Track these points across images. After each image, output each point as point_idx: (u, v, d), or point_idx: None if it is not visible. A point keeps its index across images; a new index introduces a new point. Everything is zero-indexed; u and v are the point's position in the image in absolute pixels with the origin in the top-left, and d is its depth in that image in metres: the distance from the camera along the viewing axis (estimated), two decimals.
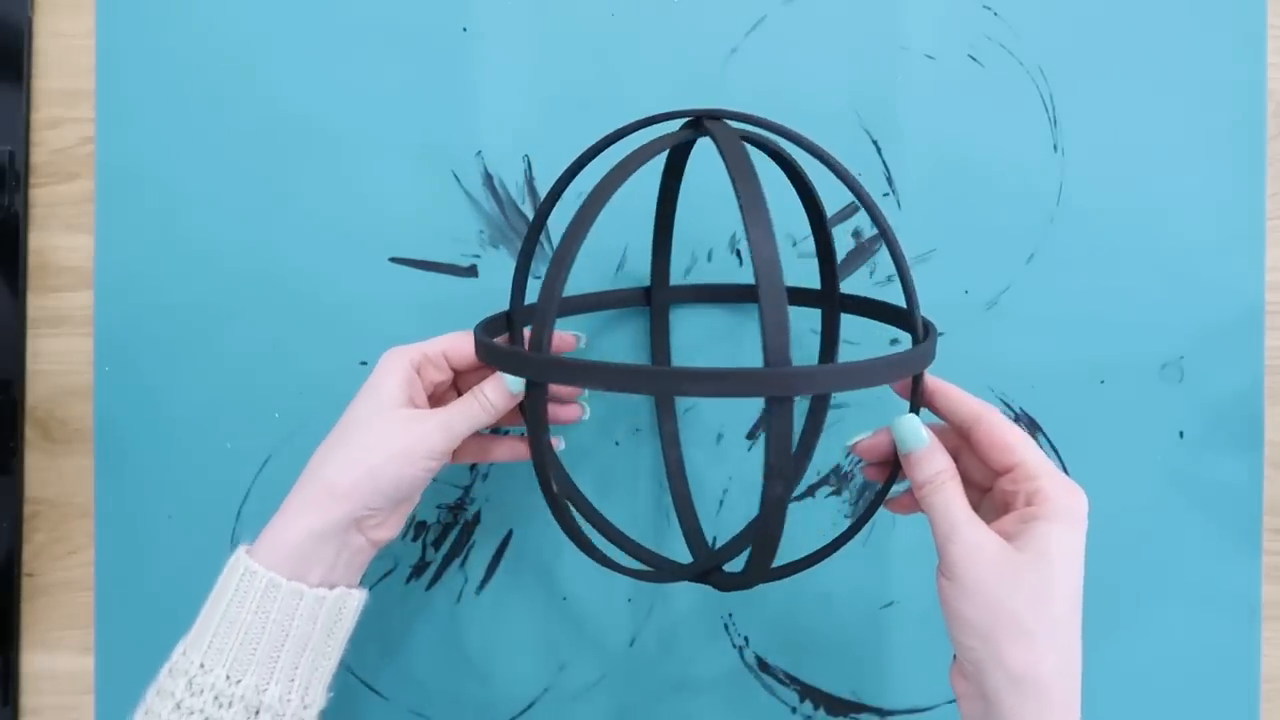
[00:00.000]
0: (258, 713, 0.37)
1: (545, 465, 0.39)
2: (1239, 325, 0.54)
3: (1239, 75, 0.54)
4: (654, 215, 0.51)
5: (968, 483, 0.38)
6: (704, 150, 0.53)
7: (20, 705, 0.53)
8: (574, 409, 0.48)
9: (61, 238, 0.53)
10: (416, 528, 0.53)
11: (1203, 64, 0.54)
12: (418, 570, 0.53)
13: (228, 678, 0.37)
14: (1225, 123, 0.54)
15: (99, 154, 0.53)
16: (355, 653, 0.53)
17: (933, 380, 0.40)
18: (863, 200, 0.40)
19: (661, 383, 0.38)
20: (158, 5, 0.53)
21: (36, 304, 0.53)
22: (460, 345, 0.43)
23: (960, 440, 0.40)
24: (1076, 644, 0.35)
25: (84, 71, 0.53)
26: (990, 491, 0.39)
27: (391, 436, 0.40)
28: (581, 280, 0.53)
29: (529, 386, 0.39)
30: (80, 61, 0.53)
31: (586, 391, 0.48)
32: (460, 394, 0.45)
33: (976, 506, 0.37)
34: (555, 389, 0.48)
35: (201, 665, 0.37)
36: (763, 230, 0.34)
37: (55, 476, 0.53)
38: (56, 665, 0.53)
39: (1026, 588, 0.35)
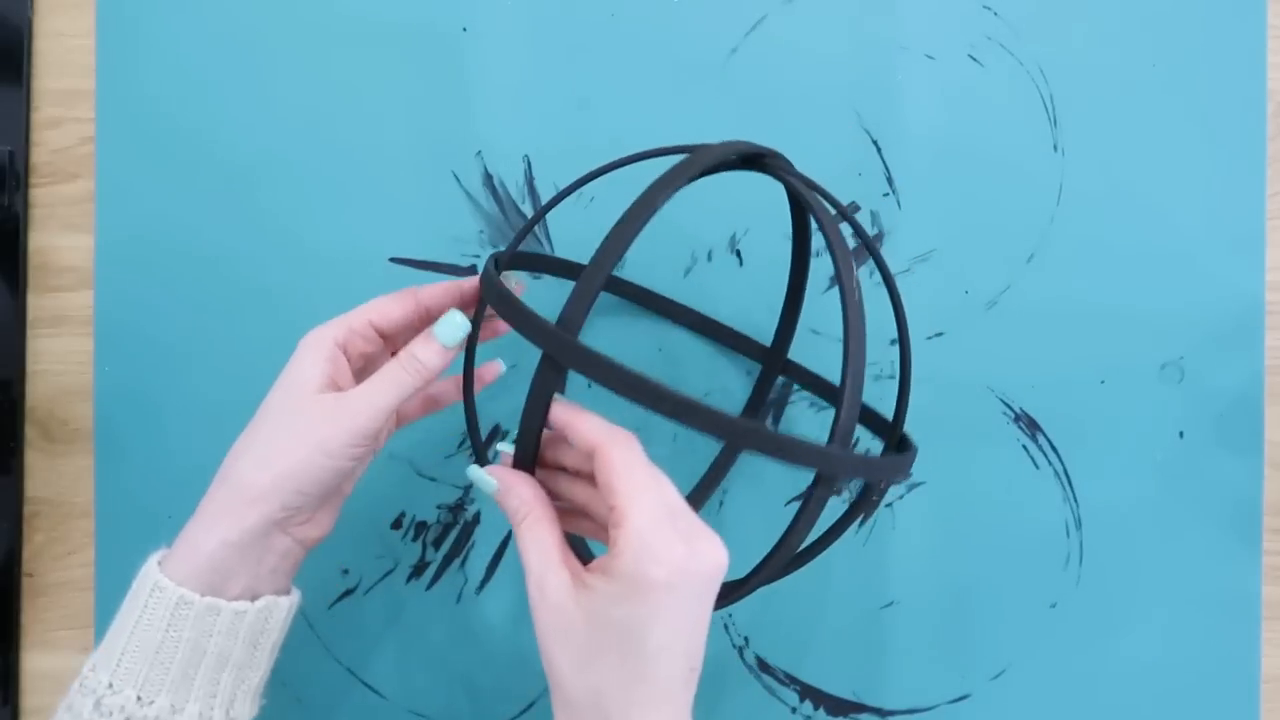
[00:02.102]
0: None
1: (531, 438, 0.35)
2: (1239, 325, 0.54)
3: (1239, 75, 0.54)
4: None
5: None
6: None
7: (20, 705, 0.53)
8: (495, 366, 0.44)
9: (61, 238, 0.53)
10: (416, 527, 0.53)
11: (1203, 64, 0.54)
12: (418, 570, 0.53)
13: (139, 699, 0.34)
14: (1225, 123, 0.54)
15: (99, 154, 0.53)
16: (355, 653, 0.53)
17: (563, 410, 0.34)
18: (880, 267, 0.41)
19: (728, 431, 0.33)
20: (158, 5, 0.53)
21: (36, 304, 0.53)
22: (388, 309, 0.39)
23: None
24: (648, 707, 0.31)
25: (84, 71, 0.53)
26: None
27: (307, 427, 0.36)
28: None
29: (543, 372, 0.33)
30: (80, 61, 0.53)
31: (524, 286, 0.42)
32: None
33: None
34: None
35: (110, 685, 0.35)
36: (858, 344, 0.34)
37: (55, 476, 0.53)
38: (56, 665, 0.53)
39: (575, 641, 0.32)
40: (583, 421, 0.34)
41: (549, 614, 0.32)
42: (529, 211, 0.53)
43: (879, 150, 0.54)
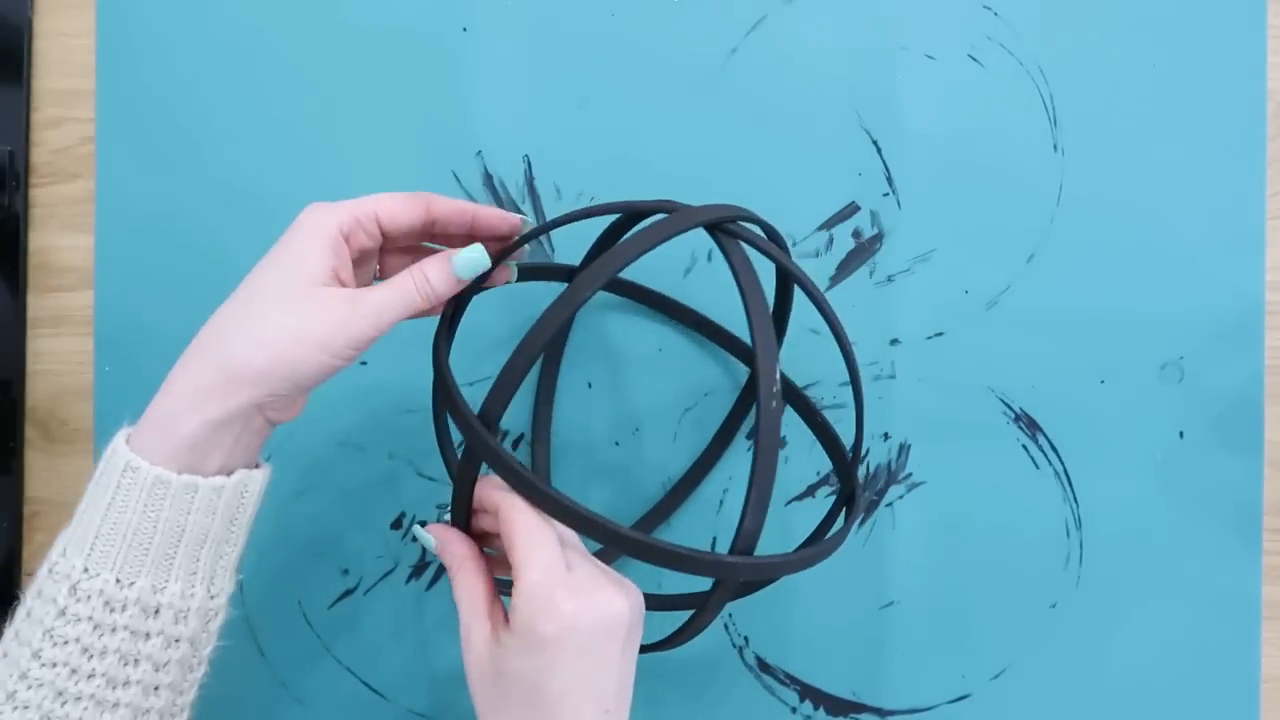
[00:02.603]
0: (157, 612, 0.34)
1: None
2: (1239, 325, 0.54)
3: (1239, 75, 0.54)
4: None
5: None
6: (705, 153, 0.54)
7: None
8: (505, 271, 0.42)
9: (61, 238, 0.53)
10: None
11: (1203, 64, 0.54)
12: (418, 570, 0.53)
13: (117, 581, 0.34)
14: (1225, 123, 0.54)
15: (99, 154, 0.53)
16: (355, 653, 0.53)
17: (481, 484, 0.37)
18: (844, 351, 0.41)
19: (628, 545, 0.34)
20: (157, 5, 0.53)
21: (36, 304, 0.53)
22: (398, 210, 0.37)
23: None
24: None
25: (84, 71, 0.53)
26: None
27: (311, 319, 0.35)
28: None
29: (464, 458, 0.36)
30: (80, 61, 0.53)
31: (525, 254, 0.43)
32: (383, 270, 0.40)
33: None
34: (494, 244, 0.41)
35: (85, 570, 0.34)
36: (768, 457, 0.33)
37: (55, 476, 0.53)
38: None
39: (488, 687, 0.34)
40: (486, 489, 0.36)
41: (471, 660, 0.35)
42: (529, 211, 0.53)
43: (879, 150, 0.54)
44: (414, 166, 0.53)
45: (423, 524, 0.40)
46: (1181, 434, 0.54)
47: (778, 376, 0.34)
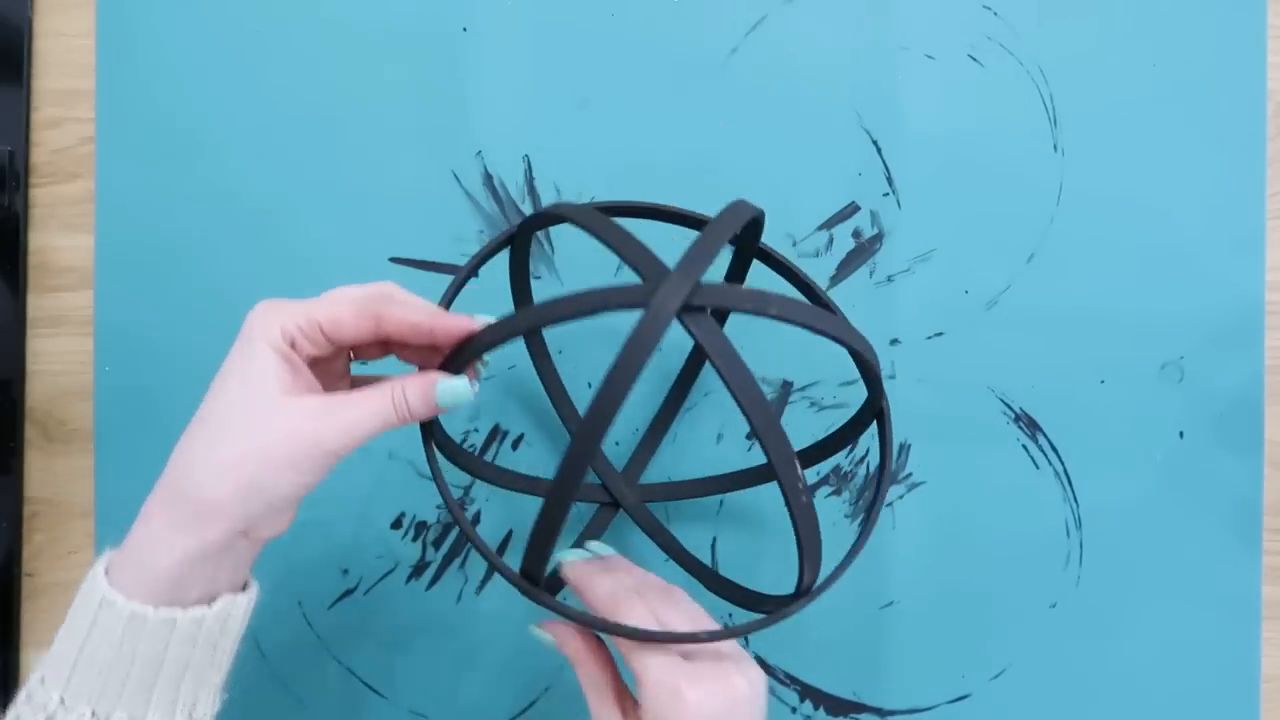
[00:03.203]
0: None
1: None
2: (1239, 325, 0.54)
3: (1239, 75, 0.54)
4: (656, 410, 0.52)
5: None
6: (705, 152, 0.54)
7: None
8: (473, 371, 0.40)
9: (61, 238, 0.53)
10: (417, 527, 0.53)
11: (1203, 64, 0.54)
12: (418, 570, 0.53)
13: (93, 714, 0.32)
14: (1225, 123, 0.54)
15: (99, 154, 0.53)
16: (355, 653, 0.53)
17: (576, 574, 0.40)
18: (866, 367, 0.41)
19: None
20: (158, 5, 0.53)
21: (36, 304, 0.53)
22: (344, 322, 0.34)
23: None
24: None
25: (84, 71, 0.53)
26: None
27: (276, 438, 0.32)
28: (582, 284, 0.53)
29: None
30: (80, 61, 0.53)
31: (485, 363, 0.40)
32: (357, 353, 0.37)
33: None
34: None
35: (62, 701, 0.32)
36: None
37: (55, 476, 0.53)
38: None
39: None
40: (591, 591, 0.39)
41: None
42: (529, 211, 0.53)
43: (879, 150, 0.54)
44: (414, 166, 0.53)
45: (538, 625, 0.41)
46: (1181, 434, 0.54)
47: (800, 477, 0.34)
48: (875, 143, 0.54)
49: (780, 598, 0.40)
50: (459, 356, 0.36)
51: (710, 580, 0.46)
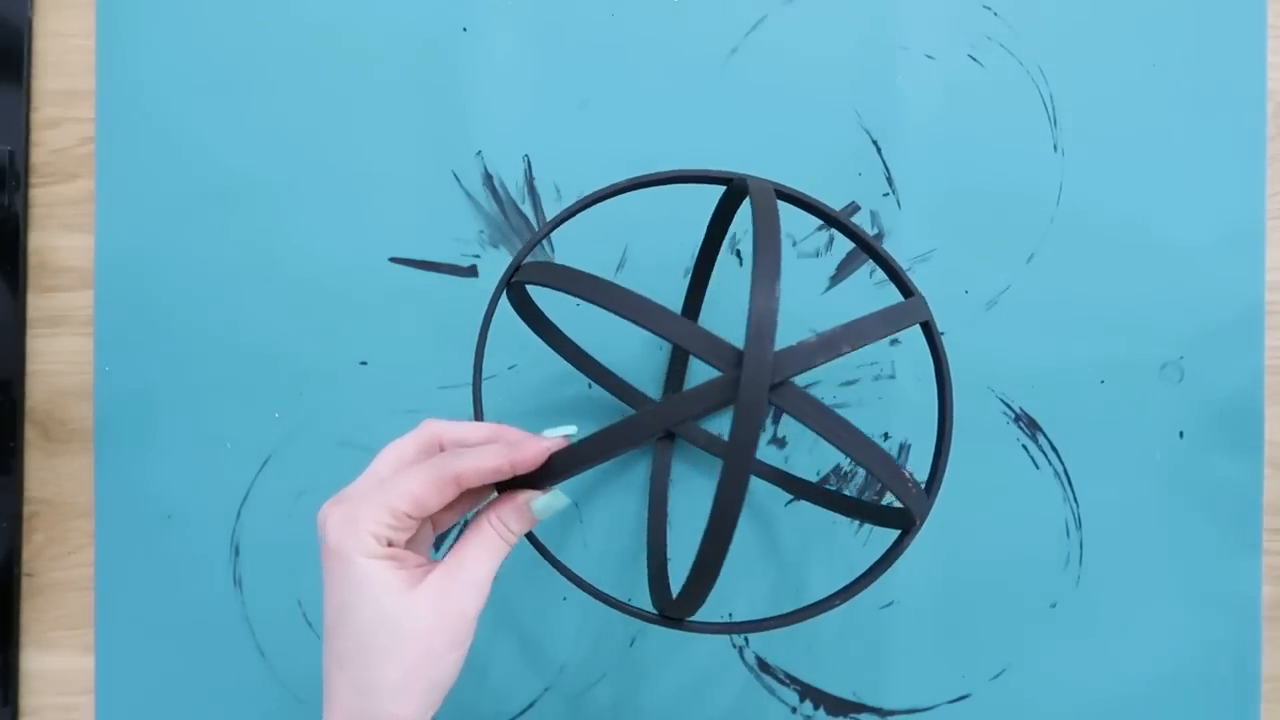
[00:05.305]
0: None
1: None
2: (1239, 325, 0.54)
3: (1239, 75, 0.54)
4: (694, 260, 0.50)
5: None
6: (705, 152, 0.54)
7: (20, 705, 0.53)
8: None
9: (61, 238, 0.53)
10: None
11: (1203, 64, 0.54)
12: None
13: None
14: (1225, 123, 0.54)
15: (99, 154, 0.53)
16: None
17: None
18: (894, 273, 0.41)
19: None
20: (158, 5, 0.53)
21: (36, 304, 0.53)
22: (425, 499, 0.34)
23: None
24: None
25: (84, 71, 0.53)
26: None
27: (428, 636, 0.33)
28: None
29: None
30: (80, 61, 0.53)
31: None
32: None
33: None
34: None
35: None
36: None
37: (55, 476, 0.53)
38: (56, 665, 0.53)
39: None
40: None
41: None
42: (529, 211, 0.53)
43: (879, 150, 0.54)
44: (414, 166, 0.53)
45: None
46: (1181, 434, 0.54)
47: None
48: (875, 143, 0.54)
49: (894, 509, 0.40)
50: (542, 480, 0.36)
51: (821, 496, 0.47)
